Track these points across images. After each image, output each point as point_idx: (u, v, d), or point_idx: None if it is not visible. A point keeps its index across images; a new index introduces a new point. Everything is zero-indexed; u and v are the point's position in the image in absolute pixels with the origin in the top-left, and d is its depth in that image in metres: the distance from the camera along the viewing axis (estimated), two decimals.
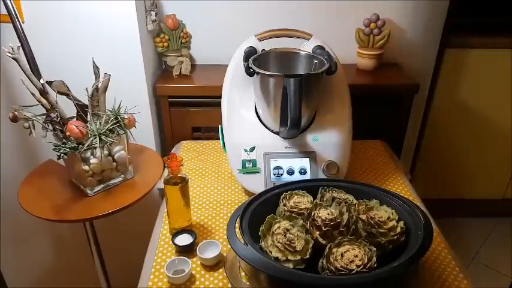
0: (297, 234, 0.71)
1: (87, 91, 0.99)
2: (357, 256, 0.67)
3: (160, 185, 0.99)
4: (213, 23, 1.45)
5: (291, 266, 0.68)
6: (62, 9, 1.15)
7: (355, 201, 0.81)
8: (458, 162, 1.91)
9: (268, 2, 1.42)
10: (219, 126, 1.08)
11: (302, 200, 0.81)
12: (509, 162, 1.89)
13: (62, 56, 1.21)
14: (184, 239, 0.87)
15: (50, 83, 0.99)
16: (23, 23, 1.07)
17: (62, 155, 0.94)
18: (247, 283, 0.76)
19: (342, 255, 0.68)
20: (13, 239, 1.49)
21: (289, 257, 0.69)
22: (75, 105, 1.01)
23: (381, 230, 0.73)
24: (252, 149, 1.00)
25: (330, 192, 0.82)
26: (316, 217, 0.74)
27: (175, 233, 0.88)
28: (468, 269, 1.70)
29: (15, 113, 0.94)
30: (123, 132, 1.01)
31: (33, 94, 0.97)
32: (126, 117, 1.01)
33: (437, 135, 1.83)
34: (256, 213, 0.77)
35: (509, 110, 1.77)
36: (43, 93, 0.97)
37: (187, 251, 0.86)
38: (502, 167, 1.93)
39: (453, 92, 1.74)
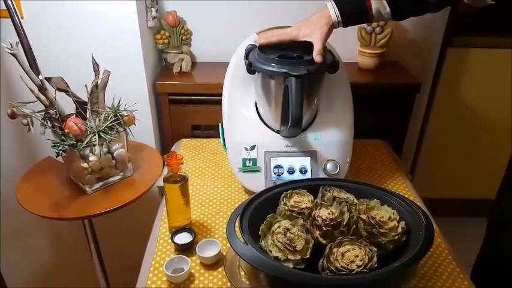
0: (297, 234, 0.71)
1: (86, 88, 0.98)
2: (357, 256, 0.66)
3: (160, 183, 0.98)
4: (214, 20, 1.44)
5: (291, 265, 0.68)
6: (62, 4, 1.15)
7: (355, 201, 0.80)
8: (460, 161, 1.90)
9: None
10: (220, 124, 1.08)
11: (302, 200, 0.80)
12: None
13: (61, 52, 1.20)
14: (183, 238, 0.87)
15: (48, 79, 0.98)
16: (22, 18, 1.06)
17: (61, 152, 0.93)
18: (247, 282, 0.75)
19: (342, 255, 0.67)
20: (11, 237, 1.48)
21: (289, 257, 0.68)
22: (74, 102, 1.00)
23: (381, 230, 0.72)
24: (253, 148, 1.00)
25: (331, 191, 0.82)
26: (317, 217, 0.73)
27: (175, 232, 0.88)
28: (469, 268, 1.70)
29: (14, 109, 0.94)
30: (123, 129, 1.00)
31: (31, 90, 0.96)
32: (125, 114, 1.01)
33: (439, 135, 1.82)
34: (257, 212, 0.77)
35: (510, 109, 1.76)
36: (42, 89, 0.96)
37: (186, 249, 0.86)
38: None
39: (455, 91, 1.73)
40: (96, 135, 0.93)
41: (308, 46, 0.99)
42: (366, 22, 0.95)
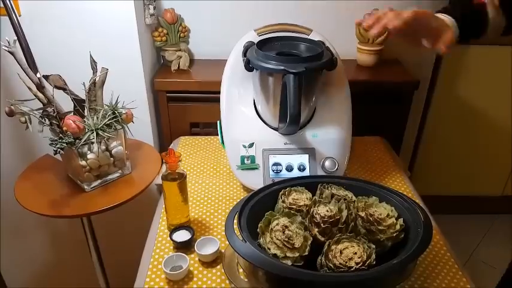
0: (296, 231, 0.71)
1: (84, 85, 0.98)
2: (355, 253, 0.67)
3: (158, 180, 0.98)
4: (212, 18, 1.43)
5: (289, 262, 0.68)
6: (59, 2, 1.14)
7: (354, 198, 0.80)
8: (458, 158, 1.90)
9: None
10: (218, 121, 1.07)
11: (301, 197, 0.80)
12: (509, 159, 1.89)
13: (59, 50, 1.20)
14: (182, 235, 0.87)
15: (46, 77, 0.98)
16: (19, 16, 1.05)
17: (59, 150, 0.93)
18: (245, 280, 0.75)
19: (340, 252, 0.67)
20: (10, 235, 1.48)
21: (288, 254, 0.68)
22: (72, 99, 1.00)
23: (380, 227, 0.72)
24: (251, 145, 1.00)
25: (329, 189, 0.82)
26: (315, 214, 0.73)
27: (173, 229, 0.88)
28: (466, 265, 1.71)
29: (12, 107, 0.93)
30: (121, 127, 1.00)
31: (29, 88, 0.96)
32: (123, 112, 1.00)
33: (437, 132, 1.82)
34: (255, 210, 0.77)
35: (508, 107, 1.77)
36: (39, 87, 0.95)
37: (185, 247, 0.86)
38: (501, 164, 1.93)
39: (453, 88, 1.73)
40: (94, 133, 0.93)
41: (306, 44, 0.99)
42: (480, 34, 0.89)
